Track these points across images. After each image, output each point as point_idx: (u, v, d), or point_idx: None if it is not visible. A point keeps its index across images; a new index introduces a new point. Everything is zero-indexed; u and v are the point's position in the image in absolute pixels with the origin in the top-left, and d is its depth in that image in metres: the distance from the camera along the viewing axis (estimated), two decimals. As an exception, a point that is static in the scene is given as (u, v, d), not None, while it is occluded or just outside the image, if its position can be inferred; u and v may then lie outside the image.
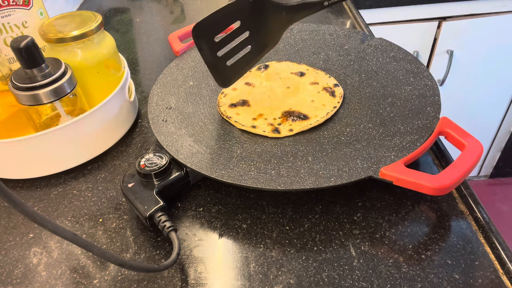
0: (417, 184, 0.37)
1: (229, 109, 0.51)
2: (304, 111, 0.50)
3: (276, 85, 0.55)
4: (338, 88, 0.53)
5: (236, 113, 0.50)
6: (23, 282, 0.37)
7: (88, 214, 0.43)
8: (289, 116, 0.49)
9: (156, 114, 0.49)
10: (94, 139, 0.49)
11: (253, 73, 0.57)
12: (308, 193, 0.43)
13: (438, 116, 0.44)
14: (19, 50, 0.42)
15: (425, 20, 1.12)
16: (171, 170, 0.42)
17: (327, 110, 0.49)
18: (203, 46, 0.44)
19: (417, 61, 0.53)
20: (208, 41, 0.44)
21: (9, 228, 0.43)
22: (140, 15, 0.89)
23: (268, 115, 0.50)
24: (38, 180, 0.48)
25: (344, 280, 0.35)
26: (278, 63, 0.59)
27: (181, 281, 0.36)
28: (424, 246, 0.37)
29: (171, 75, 0.56)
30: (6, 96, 0.52)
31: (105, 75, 0.53)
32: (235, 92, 0.54)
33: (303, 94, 0.53)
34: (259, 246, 0.38)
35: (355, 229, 0.39)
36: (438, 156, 0.46)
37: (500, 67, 1.21)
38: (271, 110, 0.50)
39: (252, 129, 0.48)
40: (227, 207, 0.42)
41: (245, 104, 0.52)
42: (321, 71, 0.56)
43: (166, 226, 0.38)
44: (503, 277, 0.34)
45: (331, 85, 0.53)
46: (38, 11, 0.52)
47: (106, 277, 0.37)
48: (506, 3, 1.09)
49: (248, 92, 0.53)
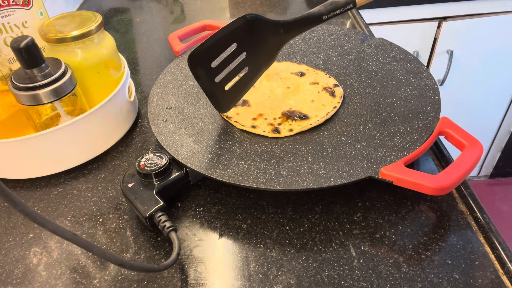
0: (417, 184, 0.37)
1: None
2: (304, 111, 0.50)
3: (276, 85, 0.55)
4: (338, 88, 0.53)
5: (236, 113, 0.50)
6: (23, 282, 0.37)
7: (88, 214, 0.43)
8: (289, 116, 0.49)
9: (156, 114, 0.49)
10: (94, 139, 0.49)
11: None
12: (308, 193, 0.43)
13: (438, 116, 0.44)
14: (19, 50, 0.42)
15: (425, 20, 1.12)
16: (171, 170, 0.42)
17: (327, 110, 0.49)
18: (200, 74, 0.44)
19: (417, 61, 0.53)
20: (205, 68, 0.44)
21: (9, 228, 0.43)
22: (140, 15, 0.89)
23: (268, 115, 0.50)
24: (38, 180, 0.48)
25: (344, 280, 0.35)
26: (278, 63, 0.59)
27: (181, 281, 0.36)
28: (424, 246, 0.37)
29: (171, 75, 0.56)
30: (6, 96, 0.52)
31: (105, 75, 0.53)
32: None
33: (303, 94, 0.53)
34: (259, 246, 0.38)
35: (355, 229, 0.39)
36: (438, 156, 0.46)
37: (500, 67, 1.21)
38: (271, 110, 0.50)
39: (252, 129, 0.48)
40: (227, 207, 0.42)
41: (245, 104, 0.52)
42: (321, 71, 0.57)
43: (166, 226, 0.38)
44: (503, 277, 0.34)
45: (331, 85, 0.53)
46: (38, 11, 0.52)
47: (106, 277, 0.37)
48: (506, 3, 1.09)
49: (248, 92, 0.53)
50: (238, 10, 0.88)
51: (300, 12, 0.84)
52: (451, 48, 1.16)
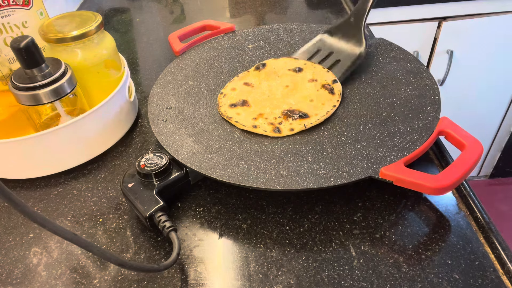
0: (417, 184, 0.37)
1: (229, 109, 0.51)
2: (304, 110, 0.50)
3: (274, 84, 0.54)
4: (337, 84, 0.53)
5: (237, 113, 0.50)
6: (23, 282, 0.37)
7: (88, 214, 0.43)
8: (290, 115, 0.49)
9: (156, 114, 0.49)
10: (94, 139, 0.49)
11: (251, 73, 0.57)
12: (308, 193, 0.43)
13: (438, 116, 0.44)
14: (19, 50, 0.42)
15: (425, 20, 1.12)
16: (171, 170, 0.42)
17: (326, 109, 0.49)
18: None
19: (417, 61, 0.53)
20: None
21: (9, 228, 0.43)
22: (140, 15, 0.89)
23: (268, 115, 0.50)
24: (38, 180, 0.48)
25: (344, 280, 0.35)
26: (275, 60, 0.59)
27: (181, 281, 0.36)
28: (424, 246, 0.37)
29: (171, 75, 0.56)
30: (6, 96, 0.52)
31: (105, 75, 0.53)
32: (234, 92, 0.54)
33: (302, 92, 0.52)
34: (259, 246, 0.38)
35: (355, 229, 0.39)
36: (438, 156, 0.46)
37: (500, 67, 1.21)
38: (271, 109, 0.50)
39: (253, 129, 0.48)
40: (227, 207, 0.42)
41: (245, 104, 0.52)
42: (319, 65, 0.56)
43: (166, 226, 0.38)
44: (503, 277, 0.34)
45: (329, 81, 0.53)
46: (38, 11, 0.52)
47: (106, 277, 0.37)
48: (506, 3, 1.09)
49: (248, 92, 0.53)
50: (238, 10, 0.88)
51: (300, 12, 0.84)
52: (451, 48, 1.16)
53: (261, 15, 0.85)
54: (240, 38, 0.63)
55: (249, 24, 0.82)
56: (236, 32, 0.64)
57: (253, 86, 0.54)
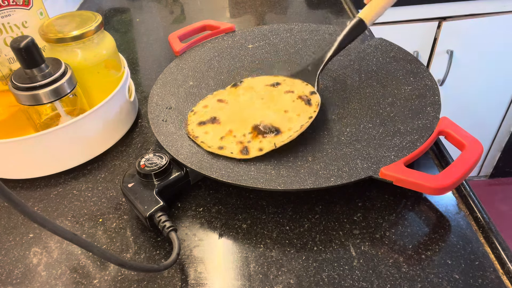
0: (417, 184, 0.37)
1: (197, 127, 0.48)
2: (276, 123, 0.46)
3: (249, 98, 0.51)
4: (315, 95, 0.50)
5: (205, 132, 0.47)
6: (23, 282, 0.37)
7: (88, 214, 0.43)
8: (260, 131, 0.46)
9: (156, 114, 0.49)
10: (94, 139, 0.49)
11: (227, 91, 0.54)
12: (308, 193, 0.43)
13: (438, 116, 0.44)
14: (19, 50, 0.42)
15: (425, 20, 1.12)
16: (171, 170, 0.42)
17: (301, 122, 0.46)
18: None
19: (417, 61, 0.53)
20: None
21: (9, 228, 0.43)
22: (140, 15, 0.89)
23: (237, 131, 0.46)
24: (38, 180, 0.48)
25: (344, 280, 0.35)
26: (253, 78, 0.55)
27: (181, 281, 0.36)
28: (424, 246, 0.37)
29: (171, 75, 0.56)
30: (6, 96, 0.52)
31: (105, 75, 0.53)
32: (205, 110, 0.51)
33: (277, 104, 0.50)
34: (259, 246, 0.38)
35: (355, 229, 0.39)
36: (438, 156, 0.46)
37: (500, 67, 1.21)
38: (241, 124, 0.47)
39: (219, 150, 0.44)
40: (227, 207, 0.42)
41: (215, 121, 0.48)
42: (298, 79, 0.53)
43: (166, 226, 0.38)
44: (503, 277, 0.34)
45: (307, 93, 0.50)
46: (38, 11, 0.52)
47: (106, 277, 0.37)
48: (506, 3, 1.09)
49: (220, 109, 0.50)
50: (238, 10, 0.88)
51: (300, 12, 0.84)
52: (451, 48, 1.16)
53: (261, 15, 0.85)
54: (240, 38, 0.63)
55: (249, 24, 0.82)
56: (236, 32, 0.64)
57: (227, 103, 0.51)
